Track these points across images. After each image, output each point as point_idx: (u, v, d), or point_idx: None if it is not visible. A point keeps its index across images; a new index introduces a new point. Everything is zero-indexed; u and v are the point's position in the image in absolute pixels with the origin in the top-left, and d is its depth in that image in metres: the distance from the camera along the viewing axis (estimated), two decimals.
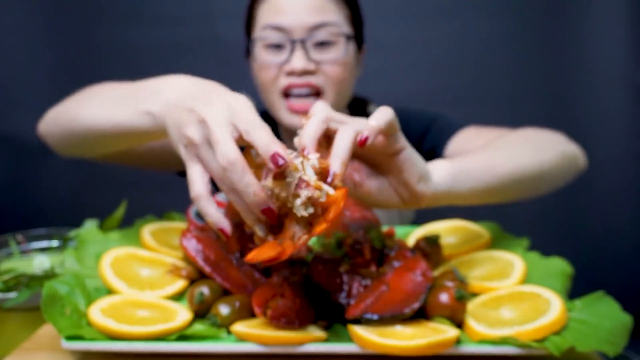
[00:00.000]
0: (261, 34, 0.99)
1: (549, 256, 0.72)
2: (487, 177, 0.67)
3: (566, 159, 0.84)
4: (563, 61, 1.73)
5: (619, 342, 0.53)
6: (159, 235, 0.77)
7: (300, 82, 0.98)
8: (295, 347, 0.54)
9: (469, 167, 0.66)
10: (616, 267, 1.77)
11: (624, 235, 1.76)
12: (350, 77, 1.05)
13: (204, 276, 0.65)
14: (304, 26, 0.97)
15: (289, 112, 1.00)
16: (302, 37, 0.97)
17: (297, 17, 0.97)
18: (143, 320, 0.55)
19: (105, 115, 0.73)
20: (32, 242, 0.84)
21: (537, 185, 0.80)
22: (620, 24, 1.67)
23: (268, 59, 0.99)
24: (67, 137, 0.84)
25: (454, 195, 0.64)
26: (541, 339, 0.53)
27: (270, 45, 0.99)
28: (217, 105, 0.55)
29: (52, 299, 0.57)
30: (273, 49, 0.99)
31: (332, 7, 1.00)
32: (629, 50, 1.67)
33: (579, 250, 1.75)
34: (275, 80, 0.99)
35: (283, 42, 0.98)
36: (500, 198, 0.73)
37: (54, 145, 0.91)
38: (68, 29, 1.78)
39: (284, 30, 0.97)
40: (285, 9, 0.98)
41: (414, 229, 0.88)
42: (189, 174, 0.56)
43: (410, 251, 0.67)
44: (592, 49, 1.71)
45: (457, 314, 0.57)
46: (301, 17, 0.97)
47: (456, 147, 1.05)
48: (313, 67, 0.98)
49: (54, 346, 0.58)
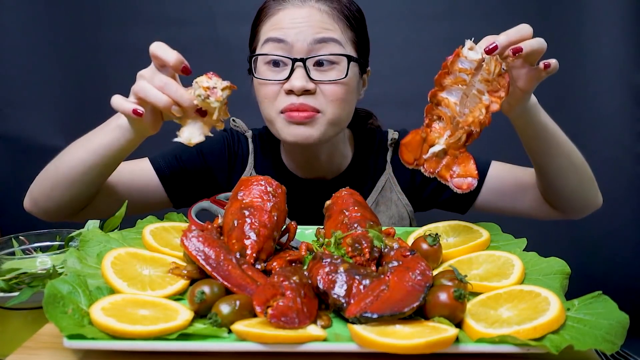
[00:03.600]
0: (262, 49, 0.99)
1: (548, 256, 0.72)
2: (554, 126, 0.94)
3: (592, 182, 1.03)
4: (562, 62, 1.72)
5: (616, 340, 0.54)
6: (159, 235, 0.78)
7: (298, 104, 0.97)
8: (295, 346, 0.54)
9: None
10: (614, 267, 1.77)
11: (623, 235, 1.77)
12: (351, 98, 1.03)
13: (204, 276, 0.65)
14: (306, 40, 0.97)
15: (286, 123, 0.99)
16: (302, 56, 0.97)
17: (298, 31, 0.97)
18: (144, 320, 0.55)
19: (84, 148, 0.90)
20: (34, 242, 0.85)
21: (574, 170, 0.98)
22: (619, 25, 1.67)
23: (268, 76, 0.99)
24: (56, 188, 0.92)
25: (534, 113, 0.89)
26: (539, 337, 0.54)
27: (270, 62, 0.99)
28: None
29: (54, 299, 0.57)
30: (273, 66, 0.99)
31: (335, 27, 1.00)
32: (628, 51, 1.68)
33: (578, 250, 1.76)
34: (274, 98, 0.99)
35: (284, 60, 0.98)
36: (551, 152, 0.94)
37: (45, 208, 0.96)
38: (69, 29, 1.78)
39: (284, 44, 0.97)
40: (287, 24, 0.98)
41: (414, 229, 0.89)
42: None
43: (410, 251, 0.67)
44: (591, 50, 1.71)
45: (456, 313, 0.57)
46: (303, 31, 0.97)
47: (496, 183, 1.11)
48: (312, 86, 0.97)
49: (55, 345, 0.58)
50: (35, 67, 1.79)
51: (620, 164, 1.74)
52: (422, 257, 0.65)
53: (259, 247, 0.71)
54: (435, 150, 0.79)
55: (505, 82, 0.75)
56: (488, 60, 0.75)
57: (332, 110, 0.99)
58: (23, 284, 0.72)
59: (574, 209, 1.04)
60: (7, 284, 0.72)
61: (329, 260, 0.64)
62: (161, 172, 1.07)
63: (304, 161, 1.12)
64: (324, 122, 0.99)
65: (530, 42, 0.76)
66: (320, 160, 1.11)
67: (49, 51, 1.79)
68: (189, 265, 0.68)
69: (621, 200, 1.75)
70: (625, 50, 1.68)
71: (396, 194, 1.16)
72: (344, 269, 0.62)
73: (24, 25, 1.77)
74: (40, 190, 0.95)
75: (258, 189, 0.78)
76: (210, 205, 0.90)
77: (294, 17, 0.98)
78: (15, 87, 1.80)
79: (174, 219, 0.87)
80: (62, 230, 0.85)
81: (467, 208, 1.17)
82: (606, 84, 1.71)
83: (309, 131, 0.98)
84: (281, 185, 0.81)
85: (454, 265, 0.65)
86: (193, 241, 0.67)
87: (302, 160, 1.12)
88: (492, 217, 0.94)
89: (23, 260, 0.78)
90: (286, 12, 0.99)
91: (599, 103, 1.73)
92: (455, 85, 0.77)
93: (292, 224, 0.81)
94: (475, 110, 0.76)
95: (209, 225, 0.76)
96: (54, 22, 1.78)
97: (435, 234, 0.74)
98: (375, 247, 0.69)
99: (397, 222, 1.16)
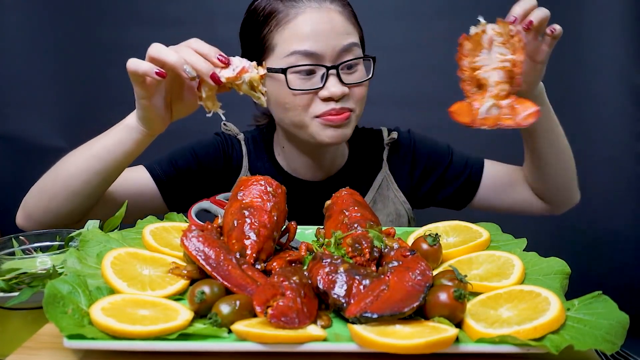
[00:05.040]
0: (288, 60, 0.98)
1: (548, 256, 0.72)
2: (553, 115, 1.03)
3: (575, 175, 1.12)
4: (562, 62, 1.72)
5: (616, 340, 0.54)
6: (159, 235, 0.78)
7: (338, 108, 0.99)
8: (295, 346, 0.54)
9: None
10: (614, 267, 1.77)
11: (623, 235, 1.77)
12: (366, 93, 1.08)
13: (204, 276, 0.65)
14: (335, 50, 0.98)
15: (323, 126, 1.01)
16: (333, 63, 0.98)
17: (326, 42, 0.98)
18: (144, 320, 0.55)
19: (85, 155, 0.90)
20: (34, 242, 0.84)
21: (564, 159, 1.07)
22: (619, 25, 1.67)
23: (301, 86, 0.99)
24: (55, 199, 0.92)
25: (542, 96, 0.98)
26: (539, 337, 0.54)
27: (300, 72, 0.99)
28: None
29: (54, 299, 0.57)
30: (305, 74, 0.99)
31: (352, 30, 1.02)
32: (628, 52, 1.68)
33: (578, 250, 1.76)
34: (310, 106, 1.00)
35: (314, 68, 0.98)
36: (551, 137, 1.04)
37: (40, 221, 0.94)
38: (69, 29, 1.78)
39: (314, 56, 0.97)
40: (312, 34, 0.97)
41: (414, 229, 0.89)
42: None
43: (410, 251, 0.67)
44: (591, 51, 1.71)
45: (456, 313, 0.57)
46: (330, 41, 0.98)
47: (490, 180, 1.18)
48: (348, 90, 1.00)
49: (55, 345, 0.58)
50: (35, 67, 1.79)
51: (620, 164, 1.74)
52: (422, 257, 0.65)
53: (259, 247, 0.71)
54: (488, 104, 0.82)
55: (521, 41, 0.81)
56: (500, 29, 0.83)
57: (359, 108, 1.04)
58: (23, 284, 0.72)
59: (560, 200, 1.14)
60: (7, 284, 0.71)
61: (329, 261, 0.64)
62: (158, 178, 1.07)
63: (311, 162, 1.13)
64: (354, 120, 1.04)
65: (537, 14, 0.83)
66: (325, 160, 1.14)
67: (49, 51, 1.79)
68: (189, 265, 0.68)
69: (621, 200, 1.75)
70: (625, 50, 1.68)
71: (393, 191, 1.17)
72: (344, 269, 0.62)
73: (24, 25, 1.77)
74: (35, 203, 0.95)
75: (258, 189, 0.78)
76: (210, 205, 0.90)
77: (316, 23, 0.98)
78: (15, 87, 1.80)
79: (174, 219, 0.87)
80: (62, 230, 0.85)
81: (464, 205, 1.18)
82: (606, 84, 1.71)
83: (345, 131, 1.03)
84: (281, 185, 0.81)
85: (454, 265, 0.65)
86: (193, 241, 0.67)
87: (309, 161, 1.13)
88: (492, 217, 0.94)
89: (23, 260, 0.78)
90: (305, 17, 0.98)
91: (599, 103, 1.73)
92: (478, 52, 0.84)
93: (292, 224, 0.81)
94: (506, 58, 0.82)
95: (209, 225, 0.76)
96: (53, 22, 1.78)
97: (435, 234, 0.74)
98: (375, 247, 0.69)
99: (395, 220, 1.16)
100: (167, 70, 0.81)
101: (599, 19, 1.68)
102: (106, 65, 1.76)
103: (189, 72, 0.79)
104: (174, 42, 0.84)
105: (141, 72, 0.80)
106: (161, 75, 0.80)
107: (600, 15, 1.68)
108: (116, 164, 0.90)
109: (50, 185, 0.93)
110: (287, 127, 1.06)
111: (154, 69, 0.80)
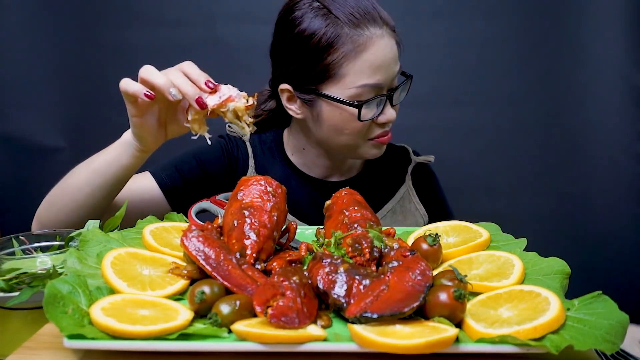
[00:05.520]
0: (357, 92, 0.99)
1: (548, 256, 0.72)
2: None
3: None
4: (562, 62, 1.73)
5: (616, 340, 0.54)
6: (159, 235, 0.78)
7: (388, 129, 1.05)
8: (295, 346, 0.54)
9: None
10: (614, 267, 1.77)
11: (623, 235, 1.77)
12: None
13: (204, 276, 0.65)
14: (394, 78, 1.02)
15: (374, 147, 1.06)
16: (390, 88, 1.02)
17: (390, 72, 1.01)
18: (144, 320, 0.55)
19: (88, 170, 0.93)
20: (34, 242, 0.84)
21: None
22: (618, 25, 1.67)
23: (368, 116, 1.01)
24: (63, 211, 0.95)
25: None
26: (539, 337, 0.53)
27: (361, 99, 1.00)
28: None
29: (54, 298, 0.57)
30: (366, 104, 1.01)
31: (398, 52, 1.04)
32: (628, 52, 1.68)
33: (578, 250, 1.76)
34: (367, 130, 1.04)
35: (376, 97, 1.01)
36: None
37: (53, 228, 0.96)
38: (69, 30, 1.78)
39: (381, 87, 1.01)
40: (382, 67, 0.99)
41: (414, 229, 0.89)
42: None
43: (410, 251, 0.67)
44: (591, 50, 1.71)
45: (456, 313, 0.57)
46: (391, 70, 1.01)
47: None
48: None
49: (55, 345, 0.58)
50: (35, 67, 1.79)
51: (620, 164, 1.74)
52: (422, 257, 0.65)
53: (259, 247, 0.71)
54: None
55: None
56: None
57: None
58: (23, 284, 0.72)
59: None
60: (7, 284, 0.71)
61: (329, 261, 0.64)
62: (164, 185, 1.08)
63: (331, 164, 1.17)
64: None
65: None
66: (345, 165, 1.19)
67: (49, 51, 1.79)
68: (189, 265, 0.68)
69: (621, 200, 1.75)
70: (625, 50, 1.67)
71: (414, 204, 1.19)
72: (344, 269, 0.62)
73: (23, 25, 1.77)
74: (46, 215, 0.98)
75: (258, 189, 0.78)
76: (210, 205, 0.90)
77: (384, 54, 0.99)
78: (15, 87, 1.80)
79: (174, 219, 0.87)
80: (62, 231, 0.85)
81: None
82: (606, 84, 1.71)
83: (385, 147, 1.10)
84: (281, 185, 0.81)
85: (454, 265, 0.65)
86: (193, 241, 0.67)
87: (331, 164, 1.17)
88: (492, 217, 0.94)
89: (23, 260, 0.78)
90: (376, 49, 0.99)
91: (599, 103, 1.73)
92: None
93: (292, 224, 0.81)
94: None
95: (209, 225, 0.76)
96: (53, 22, 1.77)
97: (435, 234, 0.74)
98: (375, 247, 0.69)
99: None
100: (156, 92, 0.84)
101: (599, 19, 1.68)
102: (106, 65, 1.76)
103: (174, 95, 0.83)
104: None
105: (131, 93, 0.84)
106: (149, 97, 0.83)
107: (600, 15, 1.67)
108: (116, 178, 0.93)
109: (59, 197, 0.96)
110: (334, 146, 1.09)
111: (142, 91, 0.83)
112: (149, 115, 0.89)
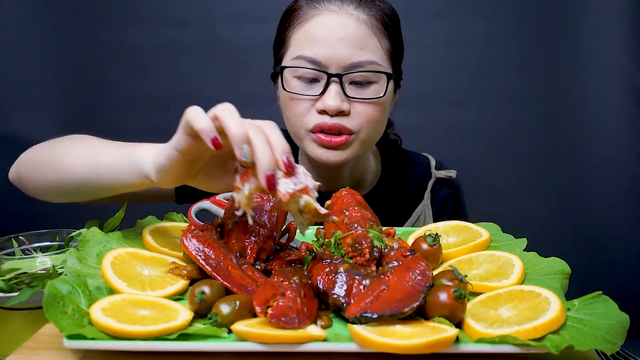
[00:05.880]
0: (292, 63, 0.92)
1: (548, 256, 0.72)
2: None
3: None
4: (563, 62, 1.73)
5: (616, 340, 0.54)
6: (159, 235, 0.78)
7: (331, 124, 0.91)
8: (295, 346, 0.54)
9: None
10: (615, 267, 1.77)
11: (623, 235, 1.77)
12: (384, 117, 0.98)
13: (204, 276, 0.65)
14: (341, 64, 0.90)
15: (317, 144, 0.94)
16: (339, 71, 0.90)
17: (334, 52, 0.89)
18: (144, 320, 0.55)
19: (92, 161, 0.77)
20: (34, 242, 0.85)
21: None
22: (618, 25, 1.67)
23: (299, 91, 0.92)
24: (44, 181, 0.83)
25: None
26: (540, 337, 0.53)
27: (302, 76, 0.92)
28: None
29: (53, 299, 0.57)
30: (306, 81, 0.92)
31: (373, 42, 0.92)
32: (628, 52, 1.68)
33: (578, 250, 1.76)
34: (305, 115, 0.93)
35: (317, 75, 0.91)
36: None
37: (30, 192, 0.89)
38: (69, 29, 1.79)
39: (318, 64, 0.90)
40: (322, 41, 0.90)
41: (414, 229, 0.89)
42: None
43: (410, 251, 0.67)
44: (591, 50, 1.71)
45: (456, 313, 0.57)
46: (339, 52, 0.89)
47: None
48: (347, 108, 0.91)
49: (55, 345, 0.58)
50: (35, 67, 1.80)
51: (620, 164, 1.74)
52: (422, 257, 0.65)
53: (259, 247, 0.71)
54: None
55: None
56: None
57: (365, 131, 0.94)
58: (23, 284, 0.72)
59: None
60: (7, 284, 0.72)
61: (329, 261, 0.64)
62: None
63: (327, 176, 1.07)
64: (357, 144, 0.95)
65: None
66: (342, 175, 1.08)
67: (49, 51, 1.79)
68: (189, 265, 0.68)
69: (621, 201, 1.75)
70: (625, 50, 1.68)
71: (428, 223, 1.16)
72: (344, 269, 0.62)
73: (24, 25, 1.77)
74: (27, 174, 0.87)
75: None
76: (210, 205, 0.90)
77: (329, 28, 0.90)
78: (15, 86, 1.80)
79: (174, 219, 0.87)
80: (62, 230, 0.85)
81: None
82: (606, 84, 1.71)
83: (341, 154, 0.95)
84: None
85: (454, 265, 0.65)
86: (193, 241, 0.67)
87: (324, 175, 1.07)
88: (492, 217, 0.94)
89: (23, 260, 0.78)
90: (320, 19, 0.91)
91: (599, 103, 1.73)
92: None
93: (292, 224, 0.81)
94: None
95: (209, 225, 0.76)
96: (53, 22, 1.78)
97: (435, 234, 0.74)
98: (375, 247, 0.69)
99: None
100: (223, 138, 0.61)
101: (599, 19, 1.68)
102: (106, 65, 1.77)
103: (244, 155, 0.60)
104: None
105: (196, 128, 0.61)
106: (216, 146, 0.60)
107: (600, 15, 1.68)
108: (114, 189, 0.77)
109: (45, 166, 0.83)
110: (293, 141, 1.00)
111: (211, 135, 0.60)
112: (193, 156, 0.66)
